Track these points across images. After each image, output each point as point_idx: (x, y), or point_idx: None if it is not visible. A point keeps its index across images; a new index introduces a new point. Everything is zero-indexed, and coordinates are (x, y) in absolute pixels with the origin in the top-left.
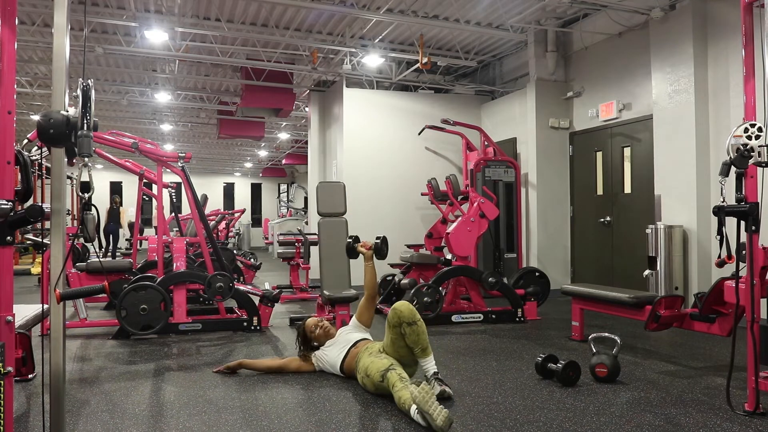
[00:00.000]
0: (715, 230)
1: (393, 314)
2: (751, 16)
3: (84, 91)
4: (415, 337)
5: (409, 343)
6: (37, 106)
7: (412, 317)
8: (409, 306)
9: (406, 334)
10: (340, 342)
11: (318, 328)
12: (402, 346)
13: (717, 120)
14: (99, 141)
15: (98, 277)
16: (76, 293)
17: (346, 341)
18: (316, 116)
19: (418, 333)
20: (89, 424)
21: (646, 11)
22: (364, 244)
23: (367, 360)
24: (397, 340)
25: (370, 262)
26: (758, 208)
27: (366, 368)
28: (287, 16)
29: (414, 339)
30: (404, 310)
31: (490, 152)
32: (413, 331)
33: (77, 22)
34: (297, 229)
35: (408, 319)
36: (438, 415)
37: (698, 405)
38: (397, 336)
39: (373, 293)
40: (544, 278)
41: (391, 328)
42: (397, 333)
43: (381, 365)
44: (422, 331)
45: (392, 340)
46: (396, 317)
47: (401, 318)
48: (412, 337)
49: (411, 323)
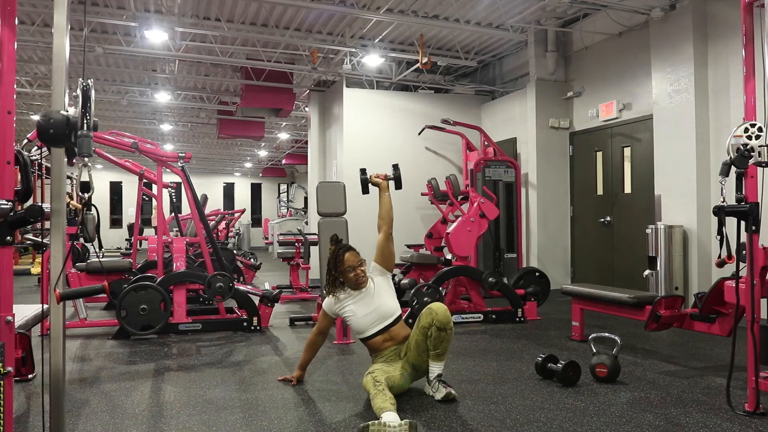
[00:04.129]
0: (715, 230)
1: (427, 313)
2: (751, 16)
3: (84, 91)
4: (439, 342)
5: (430, 344)
6: (37, 106)
7: (446, 323)
8: (446, 311)
9: (432, 336)
10: (370, 303)
11: (355, 271)
12: (425, 350)
13: (717, 120)
14: (99, 141)
15: (98, 277)
16: (76, 293)
17: (378, 310)
18: (316, 116)
19: (443, 339)
20: (89, 424)
21: (646, 11)
22: (377, 175)
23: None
24: (422, 343)
25: (386, 193)
26: (758, 208)
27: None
28: (287, 16)
29: (437, 343)
30: (440, 314)
31: (490, 152)
32: (439, 336)
33: (77, 22)
34: (297, 229)
35: (440, 324)
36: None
37: (698, 405)
38: (423, 338)
39: (391, 229)
40: (544, 278)
41: (420, 327)
42: (423, 334)
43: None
44: (448, 340)
45: (417, 343)
46: (429, 317)
47: (434, 319)
48: (436, 341)
49: (442, 328)
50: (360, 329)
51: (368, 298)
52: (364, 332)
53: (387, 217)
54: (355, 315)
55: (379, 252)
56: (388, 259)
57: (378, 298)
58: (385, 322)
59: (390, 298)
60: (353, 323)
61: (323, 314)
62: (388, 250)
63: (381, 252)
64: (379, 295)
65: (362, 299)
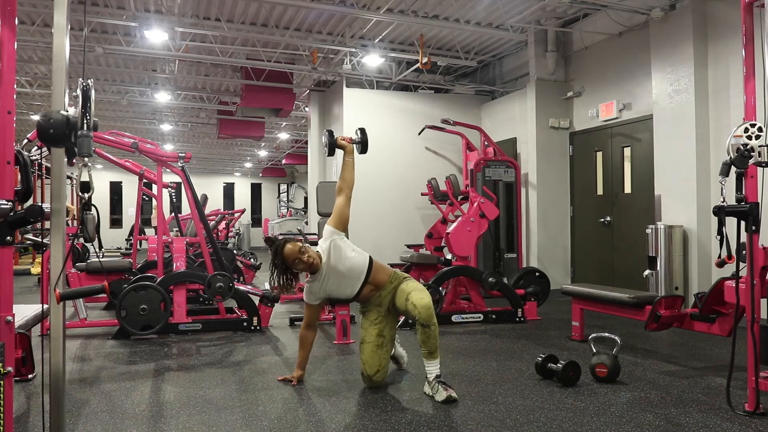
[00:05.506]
0: (715, 230)
1: (413, 308)
2: (751, 16)
3: (84, 91)
4: (425, 338)
5: (418, 340)
6: (37, 106)
7: (428, 320)
8: (429, 308)
9: (418, 331)
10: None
11: (302, 260)
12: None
13: (717, 120)
14: (99, 141)
15: (98, 277)
16: (76, 293)
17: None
18: (316, 116)
19: (429, 336)
20: (89, 424)
21: (646, 11)
22: (343, 138)
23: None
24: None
25: (350, 157)
26: (758, 208)
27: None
28: (287, 16)
29: (424, 339)
30: (422, 312)
31: (490, 152)
32: (425, 332)
33: (77, 22)
34: (297, 229)
35: (423, 321)
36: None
37: (698, 405)
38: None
39: (351, 192)
40: (544, 278)
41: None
42: (410, 316)
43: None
44: (434, 336)
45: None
46: (413, 313)
47: (417, 316)
48: (422, 337)
49: (426, 325)
50: (347, 295)
51: (335, 268)
52: (351, 294)
53: (349, 180)
54: (336, 288)
55: (337, 214)
56: (344, 221)
57: (344, 262)
58: (361, 278)
59: (354, 255)
60: (339, 295)
61: (307, 307)
62: (346, 214)
63: (339, 214)
64: (344, 259)
65: (332, 273)
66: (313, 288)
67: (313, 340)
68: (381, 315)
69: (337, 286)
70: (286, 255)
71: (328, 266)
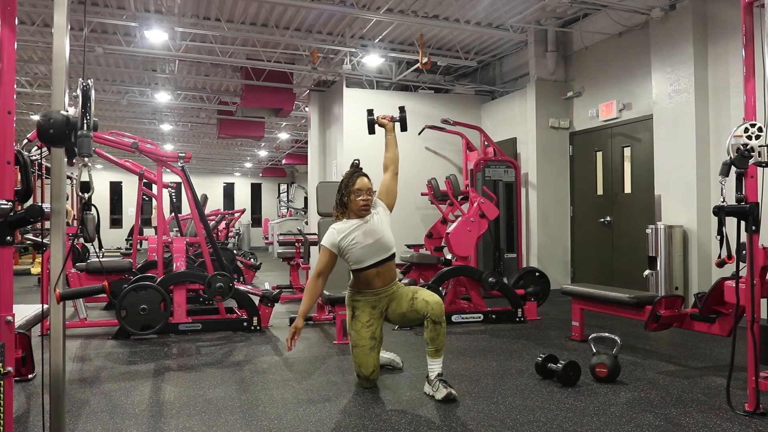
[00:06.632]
0: (715, 230)
1: (424, 304)
2: (751, 16)
3: (84, 91)
4: (435, 335)
5: (426, 338)
6: (37, 106)
7: (440, 316)
8: (441, 305)
9: (428, 328)
10: (373, 234)
11: (363, 196)
12: (408, 320)
13: (717, 120)
14: (99, 141)
15: (98, 277)
16: (76, 293)
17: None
18: (316, 116)
19: (439, 333)
20: (89, 424)
21: (646, 11)
22: (384, 116)
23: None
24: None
25: (392, 134)
26: (758, 208)
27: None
28: (287, 16)
29: (433, 336)
30: (435, 308)
31: (490, 152)
32: (435, 329)
33: (77, 22)
34: (297, 229)
35: (435, 317)
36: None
37: (698, 405)
38: (411, 313)
39: (397, 169)
40: (544, 278)
41: (411, 307)
42: (411, 308)
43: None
44: (443, 333)
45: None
46: (425, 308)
47: (429, 313)
48: (431, 334)
49: (437, 322)
50: (359, 259)
51: (371, 228)
52: (362, 262)
53: (393, 156)
54: (358, 244)
55: (384, 189)
56: (392, 197)
57: (381, 230)
58: (383, 255)
59: (390, 233)
60: (354, 253)
61: (324, 251)
62: (393, 189)
63: (387, 189)
64: (382, 228)
65: (365, 229)
66: (339, 227)
67: (319, 293)
68: (374, 318)
69: (360, 244)
70: (358, 180)
71: (370, 219)
